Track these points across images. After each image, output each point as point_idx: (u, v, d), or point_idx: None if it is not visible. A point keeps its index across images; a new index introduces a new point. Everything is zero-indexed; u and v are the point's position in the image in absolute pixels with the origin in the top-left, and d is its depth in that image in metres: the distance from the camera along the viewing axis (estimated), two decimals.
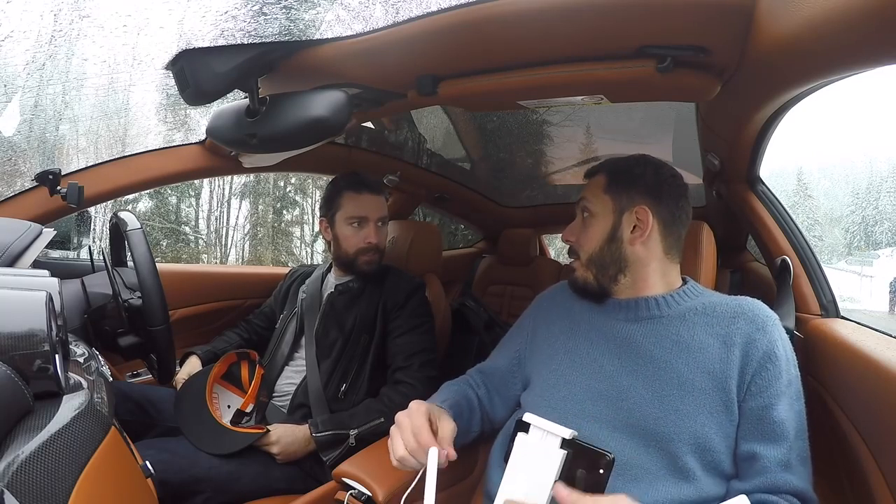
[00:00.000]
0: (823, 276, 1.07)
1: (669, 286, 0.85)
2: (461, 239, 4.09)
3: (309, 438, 1.13)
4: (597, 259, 0.86)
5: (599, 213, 0.86)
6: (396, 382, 1.24)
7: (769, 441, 0.70)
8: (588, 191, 0.89)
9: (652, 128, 1.57)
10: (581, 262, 0.88)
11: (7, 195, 1.19)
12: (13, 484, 0.42)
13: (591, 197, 0.87)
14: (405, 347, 1.26)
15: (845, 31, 0.49)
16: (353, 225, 1.31)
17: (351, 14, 0.86)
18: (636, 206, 0.83)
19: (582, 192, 0.90)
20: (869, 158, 13.61)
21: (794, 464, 0.70)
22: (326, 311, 1.32)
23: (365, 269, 1.32)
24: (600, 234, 0.85)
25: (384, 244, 1.36)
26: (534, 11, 0.66)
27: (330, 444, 1.13)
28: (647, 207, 0.83)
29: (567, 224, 0.92)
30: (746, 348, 0.73)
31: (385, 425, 1.14)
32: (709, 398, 0.72)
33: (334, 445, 1.13)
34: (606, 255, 0.85)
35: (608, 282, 0.85)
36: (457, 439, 0.86)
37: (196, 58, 0.82)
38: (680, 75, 0.74)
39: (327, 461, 1.12)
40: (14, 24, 1.12)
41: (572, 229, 0.90)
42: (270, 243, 12.46)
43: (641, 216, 0.83)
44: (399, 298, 1.31)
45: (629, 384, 0.76)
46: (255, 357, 1.29)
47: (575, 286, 0.90)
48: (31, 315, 0.52)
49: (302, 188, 12.63)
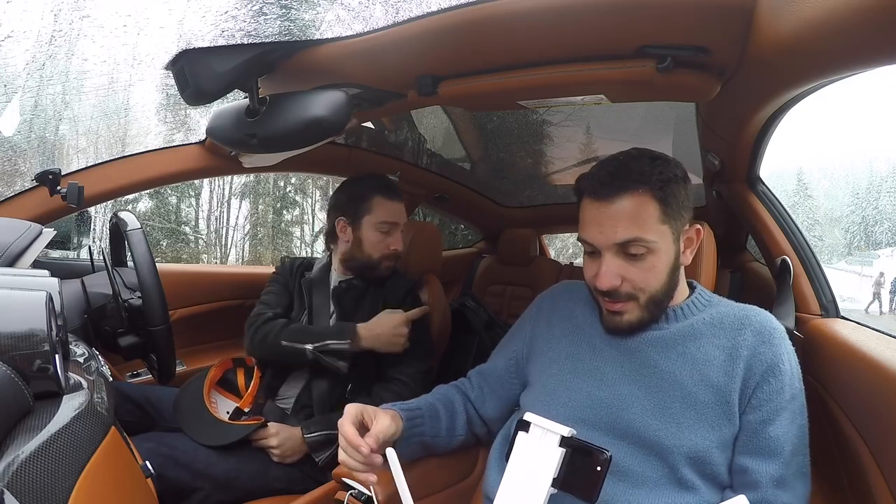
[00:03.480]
0: (823, 276, 1.07)
1: (679, 295, 0.81)
2: (461, 239, 4.09)
3: (302, 439, 1.13)
4: (659, 296, 0.75)
5: (661, 247, 0.73)
6: (388, 380, 1.24)
7: (763, 456, 0.69)
8: (639, 226, 0.71)
9: (652, 128, 1.57)
10: (639, 303, 0.75)
11: (7, 195, 1.19)
12: (13, 484, 0.42)
13: (649, 233, 0.71)
14: None
15: (845, 31, 0.49)
16: (383, 231, 1.30)
17: (351, 14, 0.86)
18: (688, 224, 0.77)
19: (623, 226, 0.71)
20: (869, 158, 13.64)
21: (788, 480, 0.69)
22: (337, 311, 1.31)
23: (384, 273, 1.32)
24: (665, 270, 0.74)
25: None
26: (534, 11, 0.66)
27: (321, 444, 1.13)
28: (695, 222, 0.77)
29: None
30: (751, 360, 0.72)
31: None
32: (711, 411, 0.71)
33: (326, 446, 1.13)
34: (669, 289, 0.76)
35: (660, 314, 0.77)
36: (438, 441, 0.88)
37: (196, 58, 0.82)
38: (680, 75, 0.74)
39: (319, 461, 1.12)
40: (14, 24, 1.12)
41: (615, 272, 0.73)
42: (270, 243, 12.45)
43: (692, 235, 0.78)
44: (397, 297, 1.32)
45: (630, 393, 0.75)
46: (251, 363, 1.29)
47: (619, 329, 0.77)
48: (31, 315, 0.52)
49: (302, 188, 12.62)
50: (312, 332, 1.21)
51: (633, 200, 0.71)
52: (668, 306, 0.78)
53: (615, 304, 0.76)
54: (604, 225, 0.73)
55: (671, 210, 0.73)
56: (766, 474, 0.68)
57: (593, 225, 0.74)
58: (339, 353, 1.17)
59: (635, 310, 0.76)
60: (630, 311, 0.76)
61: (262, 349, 1.23)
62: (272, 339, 1.21)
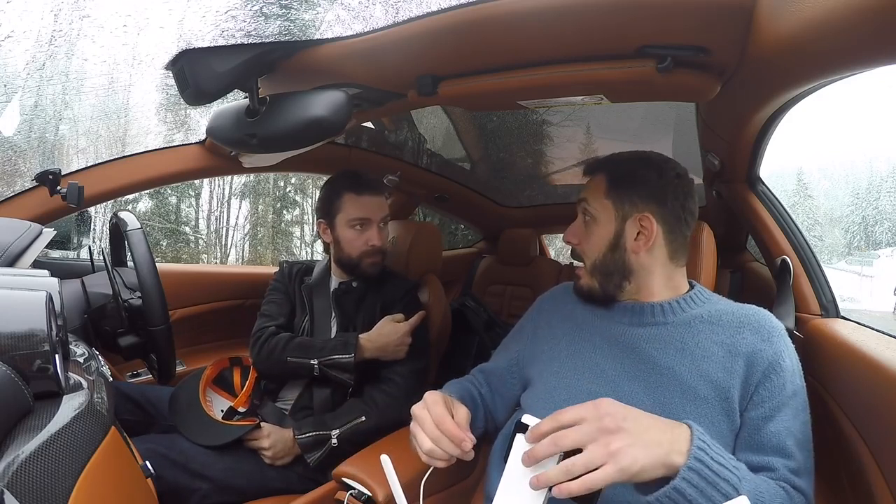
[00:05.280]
0: (823, 276, 1.07)
1: (676, 291, 0.83)
2: (461, 239, 4.09)
3: (294, 441, 1.13)
4: (601, 267, 0.83)
5: (601, 218, 0.83)
6: (381, 380, 1.24)
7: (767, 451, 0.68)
8: (588, 192, 0.85)
9: (652, 128, 1.57)
10: (586, 269, 0.86)
11: (7, 195, 1.19)
12: (13, 484, 0.42)
13: (592, 200, 0.84)
14: None
15: (845, 31, 0.49)
16: (356, 227, 1.27)
17: (351, 14, 0.86)
18: (639, 213, 0.81)
19: (583, 191, 0.87)
20: (869, 158, 13.64)
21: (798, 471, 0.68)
22: (339, 315, 1.31)
23: (369, 271, 1.30)
24: (603, 241, 0.83)
25: (386, 245, 1.35)
26: (534, 11, 0.66)
27: (312, 445, 1.12)
28: (651, 214, 0.80)
29: (567, 224, 0.90)
30: (751, 359, 0.72)
31: (366, 424, 1.15)
32: (710, 407, 0.71)
33: (317, 447, 1.12)
34: (610, 263, 0.83)
35: (613, 289, 0.84)
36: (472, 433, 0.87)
37: (196, 58, 0.82)
38: (680, 75, 0.74)
39: (311, 462, 1.11)
40: (14, 24, 1.12)
41: (574, 231, 0.88)
42: (270, 243, 12.46)
43: (645, 224, 0.81)
44: (395, 298, 1.32)
45: (630, 389, 0.76)
46: (248, 362, 1.29)
47: (580, 293, 0.88)
48: (31, 315, 0.52)
49: (302, 188, 12.63)
50: (316, 347, 1.20)
51: (598, 177, 0.86)
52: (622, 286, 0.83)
53: (579, 269, 0.89)
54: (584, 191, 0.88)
55: (618, 192, 0.82)
56: (779, 462, 0.68)
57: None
58: (344, 366, 1.17)
59: (586, 276, 0.86)
60: (584, 277, 0.87)
61: (269, 365, 1.24)
62: (277, 356, 1.21)
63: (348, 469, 0.97)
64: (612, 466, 0.54)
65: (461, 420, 0.74)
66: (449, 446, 0.69)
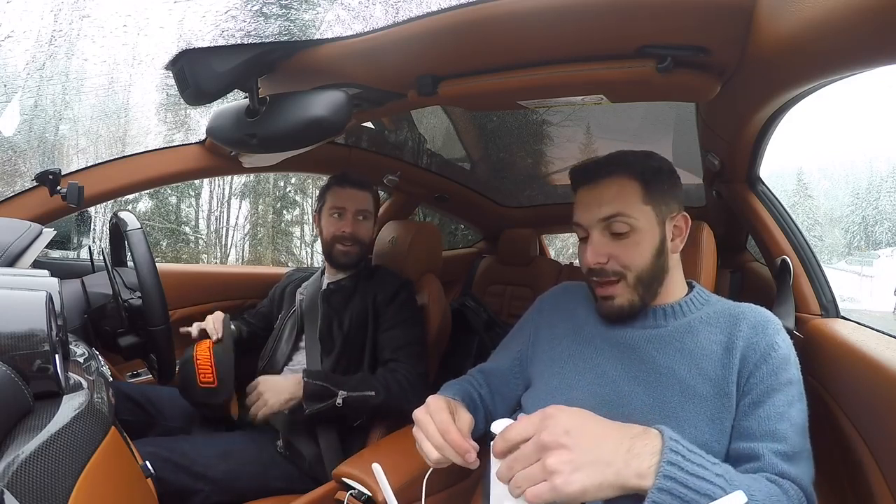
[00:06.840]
0: (823, 276, 1.07)
1: (681, 292, 0.84)
2: (461, 239, 4.09)
3: (299, 382, 1.13)
4: (646, 278, 0.78)
5: (642, 226, 0.77)
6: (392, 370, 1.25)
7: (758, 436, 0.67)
8: (621, 202, 0.77)
9: (652, 128, 1.57)
10: (627, 283, 0.78)
11: (7, 195, 1.19)
12: (13, 484, 0.42)
13: (629, 209, 0.77)
14: (392, 341, 1.28)
15: (845, 31, 0.49)
16: (334, 216, 1.37)
17: (351, 14, 0.86)
18: (674, 212, 0.80)
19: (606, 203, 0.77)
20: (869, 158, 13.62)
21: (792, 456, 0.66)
22: (325, 311, 1.33)
23: (342, 259, 1.36)
24: (648, 250, 0.78)
25: (365, 238, 1.40)
26: (534, 11, 0.66)
27: (317, 396, 1.12)
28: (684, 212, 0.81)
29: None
30: (746, 351, 0.72)
31: (374, 400, 1.15)
32: (710, 405, 0.71)
33: (320, 399, 1.12)
34: (655, 270, 0.79)
35: (650, 298, 0.80)
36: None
37: (196, 58, 0.82)
38: (680, 75, 0.74)
39: (308, 411, 1.11)
40: (14, 24, 1.12)
41: (599, 250, 0.78)
42: (270, 243, 12.46)
43: (680, 223, 0.81)
44: (388, 293, 1.34)
45: (630, 390, 0.76)
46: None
47: (611, 314, 0.81)
48: (31, 315, 0.52)
49: (302, 188, 12.64)
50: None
51: (618, 182, 0.78)
52: (658, 291, 0.80)
53: (606, 288, 0.80)
54: (590, 205, 0.79)
55: (654, 193, 0.78)
56: (767, 447, 0.66)
57: (581, 206, 0.81)
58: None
59: (625, 292, 0.79)
60: (620, 295, 0.79)
61: None
62: None
63: (348, 469, 0.97)
64: (547, 486, 0.52)
65: (464, 427, 0.73)
66: (453, 456, 0.69)
